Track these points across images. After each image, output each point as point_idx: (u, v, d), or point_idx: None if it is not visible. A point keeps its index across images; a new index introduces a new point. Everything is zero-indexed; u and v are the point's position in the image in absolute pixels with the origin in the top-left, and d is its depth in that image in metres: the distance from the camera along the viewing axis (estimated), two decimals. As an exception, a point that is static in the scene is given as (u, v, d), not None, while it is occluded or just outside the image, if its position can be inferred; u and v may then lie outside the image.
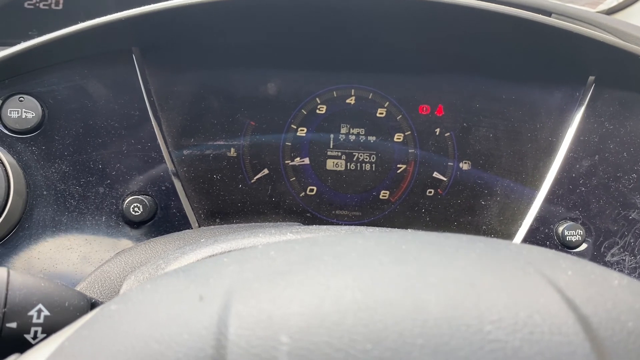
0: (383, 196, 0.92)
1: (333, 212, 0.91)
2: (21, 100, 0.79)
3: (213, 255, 0.51)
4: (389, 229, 0.72)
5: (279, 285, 0.32)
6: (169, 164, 0.84)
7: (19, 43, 0.78)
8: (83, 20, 0.78)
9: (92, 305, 0.50)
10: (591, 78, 0.88)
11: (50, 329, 0.44)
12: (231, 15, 0.82)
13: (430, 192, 0.91)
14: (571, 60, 0.87)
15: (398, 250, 0.36)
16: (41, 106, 0.80)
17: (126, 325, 0.32)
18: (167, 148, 0.85)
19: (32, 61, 0.78)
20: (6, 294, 0.44)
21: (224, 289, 0.32)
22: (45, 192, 0.79)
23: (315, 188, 0.91)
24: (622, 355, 0.28)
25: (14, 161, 0.77)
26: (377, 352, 0.27)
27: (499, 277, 0.32)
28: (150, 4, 0.79)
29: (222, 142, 0.88)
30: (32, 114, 0.79)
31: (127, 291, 0.38)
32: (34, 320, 0.44)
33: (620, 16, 1.40)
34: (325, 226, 0.63)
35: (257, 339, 0.28)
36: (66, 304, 0.46)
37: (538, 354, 0.27)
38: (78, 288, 0.64)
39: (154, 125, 0.83)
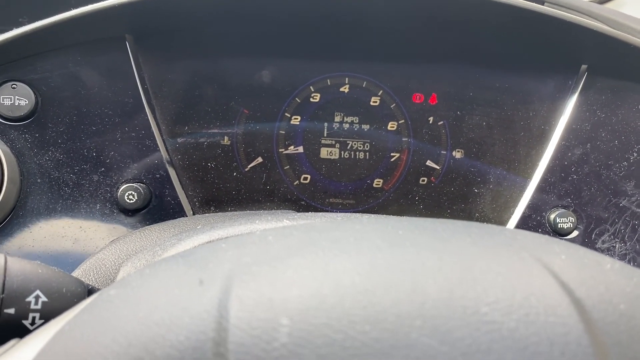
0: (377, 184, 0.92)
1: (327, 200, 0.92)
2: (14, 88, 0.78)
3: (210, 242, 0.52)
4: (385, 215, 0.72)
5: (278, 269, 0.32)
6: (163, 152, 0.84)
7: (10, 30, 0.77)
8: (74, 7, 0.77)
9: (90, 291, 0.50)
10: (584, 66, 0.88)
11: (48, 315, 0.44)
12: (225, 3, 0.82)
13: (423, 181, 0.92)
14: (564, 48, 0.88)
15: (395, 235, 0.37)
16: (34, 93, 0.79)
17: (126, 310, 0.32)
18: (162, 136, 0.85)
19: (24, 48, 0.78)
20: (4, 280, 0.44)
21: (224, 273, 0.33)
22: (39, 180, 0.79)
23: (309, 176, 0.91)
24: (614, 337, 0.29)
25: (7, 149, 0.77)
26: (376, 333, 0.27)
27: (495, 261, 0.33)
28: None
29: (216, 130, 0.88)
30: (25, 101, 0.78)
31: (126, 276, 0.38)
32: (32, 307, 0.44)
33: (612, 5, 1.41)
34: (320, 213, 0.63)
35: (257, 321, 0.28)
36: (64, 290, 0.47)
37: (533, 335, 0.27)
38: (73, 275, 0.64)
39: (148, 113, 0.83)
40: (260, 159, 0.90)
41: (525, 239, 0.38)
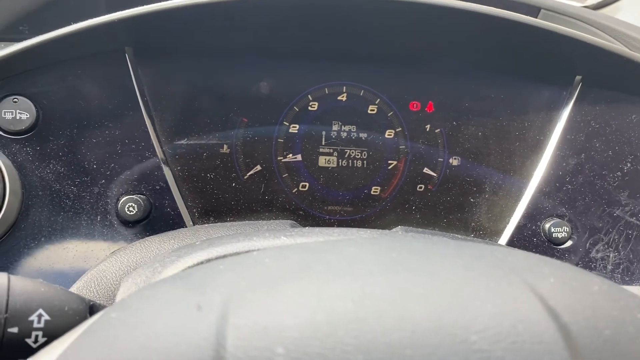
0: (374, 192, 0.93)
1: (325, 208, 0.93)
2: (15, 102, 0.79)
3: (209, 260, 0.53)
4: (381, 231, 0.73)
5: (273, 296, 0.33)
6: (163, 164, 0.85)
7: (10, 39, 0.78)
8: (75, 15, 0.78)
9: (91, 308, 0.51)
10: (578, 77, 0.89)
11: (50, 333, 0.45)
12: (223, 16, 0.82)
13: (420, 188, 0.93)
14: (558, 60, 0.88)
15: (388, 259, 0.38)
16: (35, 107, 0.80)
17: (126, 335, 0.33)
18: (161, 147, 0.86)
19: (25, 62, 0.79)
20: (7, 300, 0.45)
21: (221, 298, 0.34)
22: (40, 193, 0.80)
23: (307, 184, 0.92)
24: (598, 363, 0.30)
25: (9, 162, 0.78)
26: (368, 362, 0.28)
27: (485, 287, 0.34)
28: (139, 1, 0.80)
29: (215, 140, 0.89)
30: (27, 115, 0.79)
31: (127, 298, 0.39)
32: (35, 325, 0.45)
33: (607, 11, 1.42)
34: (318, 228, 0.64)
35: (254, 350, 0.29)
36: (66, 308, 0.47)
37: (519, 363, 0.28)
38: (74, 288, 0.65)
39: (147, 125, 0.84)
40: (259, 167, 0.91)
41: (516, 260, 0.39)
